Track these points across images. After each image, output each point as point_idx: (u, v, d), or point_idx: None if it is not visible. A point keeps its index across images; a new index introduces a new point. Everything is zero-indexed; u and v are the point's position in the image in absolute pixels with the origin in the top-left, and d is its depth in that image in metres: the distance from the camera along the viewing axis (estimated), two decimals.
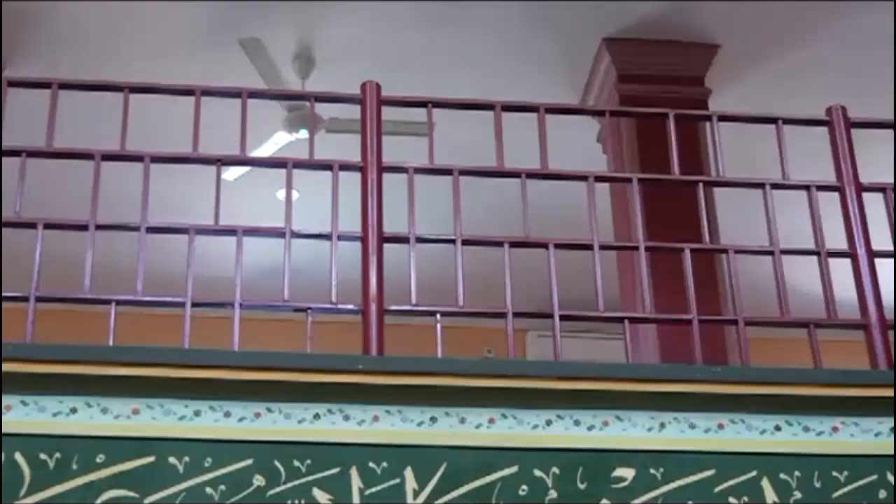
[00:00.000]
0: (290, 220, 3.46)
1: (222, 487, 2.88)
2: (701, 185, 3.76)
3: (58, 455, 2.87)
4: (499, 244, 3.53)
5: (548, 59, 6.42)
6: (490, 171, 3.69)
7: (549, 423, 3.09)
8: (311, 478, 2.93)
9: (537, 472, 3.02)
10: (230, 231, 3.46)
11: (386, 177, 3.52)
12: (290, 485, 2.92)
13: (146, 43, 6.19)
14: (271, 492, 2.91)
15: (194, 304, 3.31)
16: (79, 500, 2.83)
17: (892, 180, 3.71)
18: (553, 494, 3.00)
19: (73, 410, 2.93)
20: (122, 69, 4.71)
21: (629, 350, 3.51)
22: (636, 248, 3.61)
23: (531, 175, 3.64)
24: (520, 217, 3.57)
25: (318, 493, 2.93)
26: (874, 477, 3.10)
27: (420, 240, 3.49)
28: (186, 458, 2.90)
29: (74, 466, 2.87)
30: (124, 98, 3.54)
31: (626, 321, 3.54)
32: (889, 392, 3.17)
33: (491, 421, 3.07)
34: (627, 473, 3.05)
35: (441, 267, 3.60)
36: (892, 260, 3.59)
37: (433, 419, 3.06)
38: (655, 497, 3.03)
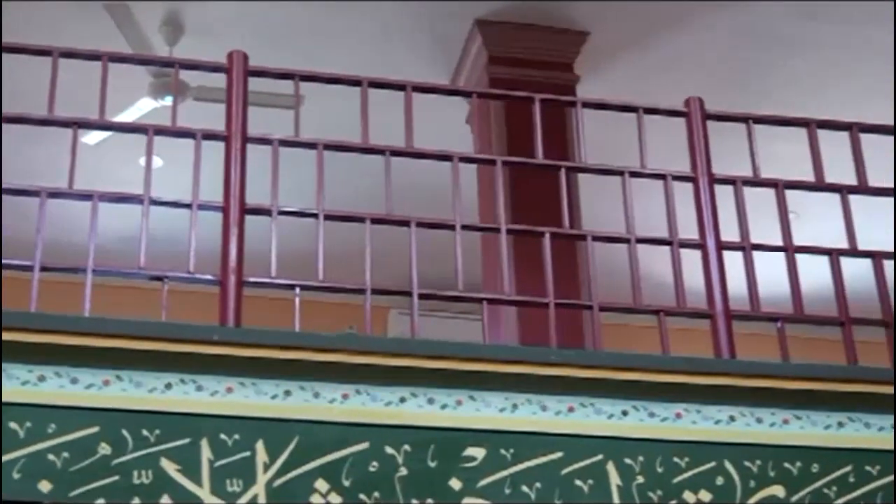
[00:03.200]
0: (150, 187, 3.41)
1: (65, 454, 2.82)
2: (563, 170, 3.79)
3: None
4: (360, 220, 3.52)
5: (421, 39, 6.43)
6: (354, 147, 3.67)
7: (402, 400, 3.09)
8: (159, 447, 2.90)
9: (388, 449, 3.02)
10: (86, 196, 3.39)
11: (252, 148, 3.49)
12: (137, 454, 2.88)
13: (13, 7, 6.01)
14: (117, 460, 2.86)
15: (43, 269, 3.24)
16: None
17: (742, 173, 3.79)
18: (403, 471, 3.01)
19: None
20: None
21: (487, 331, 3.54)
22: (497, 230, 3.64)
23: (396, 153, 3.63)
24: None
25: (165, 462, 2.89)
26: (713, 464, 3.16)
27: (282, 213, 3.47)
28: (28, 424, 2.83)
29: None
30: None
31: (485, 302, 3.58)
32: (728, 381, 3.24)
33: (345, 396, 3.07)
34: (478, 453, 3.07)
35: (304, 242, 3.58)
36: (740, 252, 3.69)
37: (287, 392, 3.04)
38: (504, 477, 3.05)
